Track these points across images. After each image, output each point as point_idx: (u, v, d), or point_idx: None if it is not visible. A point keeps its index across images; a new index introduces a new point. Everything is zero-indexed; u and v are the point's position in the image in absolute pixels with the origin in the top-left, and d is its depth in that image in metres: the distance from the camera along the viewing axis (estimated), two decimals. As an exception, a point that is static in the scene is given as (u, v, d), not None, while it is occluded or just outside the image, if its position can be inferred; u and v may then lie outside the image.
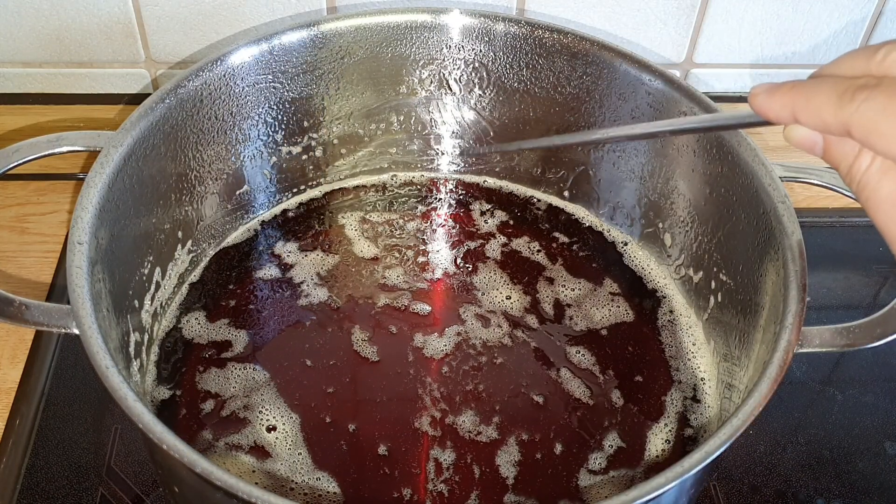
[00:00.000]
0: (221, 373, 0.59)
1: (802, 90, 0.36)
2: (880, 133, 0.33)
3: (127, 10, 0.77)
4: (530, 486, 0.55)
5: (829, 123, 0.35)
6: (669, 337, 0.63)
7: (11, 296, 0.48)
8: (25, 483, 0.56)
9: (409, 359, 0.61)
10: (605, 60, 0.65)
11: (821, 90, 0.35)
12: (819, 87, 0.35)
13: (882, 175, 0.35)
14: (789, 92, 0.36)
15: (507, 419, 0.58)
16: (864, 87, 0.33)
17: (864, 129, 0.33)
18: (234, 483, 0.39)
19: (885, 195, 0.35)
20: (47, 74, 0.81)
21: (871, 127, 0.33)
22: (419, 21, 0.67)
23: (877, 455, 0.62)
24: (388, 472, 0.55)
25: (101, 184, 0.52)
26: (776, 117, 0.37)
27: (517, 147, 0.71)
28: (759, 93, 0.37)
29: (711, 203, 0.62)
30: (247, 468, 0.54)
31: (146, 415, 0.42)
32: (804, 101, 0.36)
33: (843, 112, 0.34)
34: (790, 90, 0.36)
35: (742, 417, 0.44)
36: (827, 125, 0.35)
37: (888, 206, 0.35)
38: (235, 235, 0.69)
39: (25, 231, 0.72)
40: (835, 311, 0.71)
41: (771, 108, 0.37)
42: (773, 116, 0.37)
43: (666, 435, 0.58)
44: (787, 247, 0.52)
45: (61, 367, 0.63)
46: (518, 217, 0.72)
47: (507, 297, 0.65)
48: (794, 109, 0.36)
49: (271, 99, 0.66)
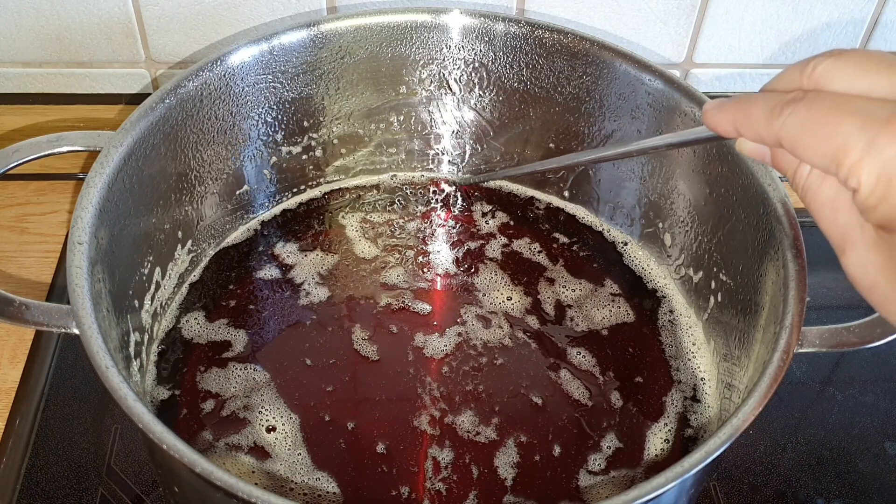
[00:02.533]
0: (221, 373, 0.59)
1: (742, 106, 0.38)
2: (804, 145, 0.34)
3: (127, 10, 0.77)
4: (530, 487, 0.55)
5: (764, 137, 0.36)
6: (669, 337, 0.63)
7: (11, 296, 0.48)
8: (25, 483, 0.56)
9: (409, 358, 0.61)
10: (605, 60, 0.65)
11: (756, 105, 0.37)
12: (755, 103, 0.37)
13: (822, 180, 0.37)
14: (732, 108, 0.38)
15: (508, 419, 0.58)
16: (791, 101, 0.35)
17: (790, 141, 0.35)
18: (234, 483, 0.39)
19: (824, 199, 0.37)
20: (47, 74, 0.81)
21: (795, 140, 0.35)
22: (419, 21, 0.67)
23: (877, 455, 0.62)
24: (388, 471, 0.55)
25: (101, 184, 0.52)
26: (724, 132, 0.39)
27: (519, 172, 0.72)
28: (709, 109, 0.40)
29: (711, 203, 0.62)
30: (247, 468, 0.54)
31: (146, 415, 0.42)
32: (743, 116, 0.38)
33: (773, 126, 0.36)
34: (733, 106, 0.38)
35: (742, 417, 0.44)
36: (763, 138, 0.37)
37: (828, 209, 0.37)
38: (235, 235, 0.69)
39: (25, 231, 0.72)
40: (835, 311, 0.71)
41: (719, 123, 0.39)
42: (721, 131, 0.39)
43: (666, 435, 0.58)
44: (787, 247, 0.52)
45: (61, 367, 0.63)
46: (518, 217, 0.72)
47: (507, 297, 0.65)
48: (736, 124, 0.38)
49: (271, 99, 0.66)
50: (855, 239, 0.36)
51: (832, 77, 0.36)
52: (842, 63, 0.35)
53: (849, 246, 0.36)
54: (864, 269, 0.36)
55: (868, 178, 0.32)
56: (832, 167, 0.33)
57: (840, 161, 0.33)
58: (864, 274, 0.36)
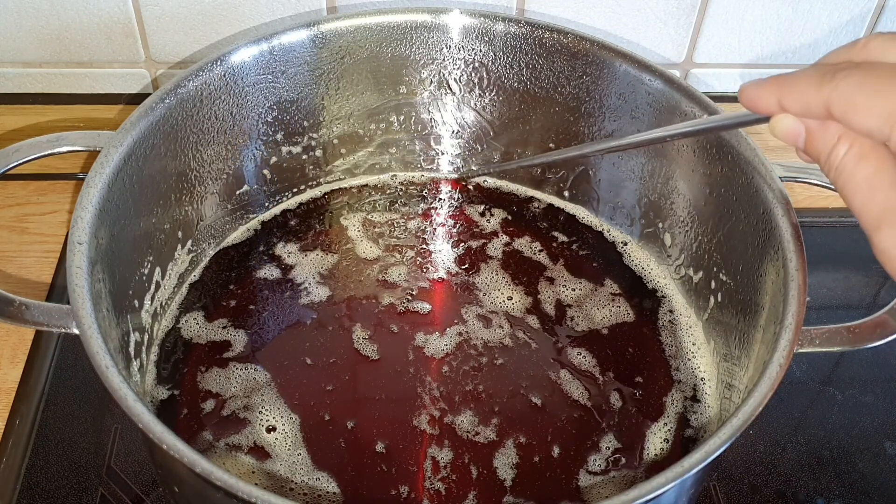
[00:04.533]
0: (221, 373, 0.59)
1: (787, 79, 0.39)
2: (857, 108, 0.35)
3: (127, 10, 0.77)
4: (530, 487, 0.55)
5: (811, 104, 0.37)
6: (669, 337, 0.63)
7: (11, 296, 0.48)
8: (25, 483, 0.56)
9: (409, 358, 0.61)
10: (605, 60, 0.65)
11: (804, 76, 0.38)
12: (802, 74, 0.38)
13: (858, 160, 0.37)
14: (775, 82, 0.39)
15: (508, 419, 0.58)
16: (844, 68, 0.36)
17: (842, 105, 0.35)
18: (234, 483, 0.39)
19: (861, 179, 0.37)
20: (47, 74, 0.81)
21: (848, 102, 0.35)
22: (419, 21, 0.67)
23: (877, 455, 0.62)
24: (388, 471, 0.55)
25: (101, 184, 0.52)
26: (765, 106, 0.40)
27: (516, 165, 0.72)
28: (747, 87, 0.40)
29: (711, 203, 0.62)
30: (247, 468, 0.54)
31: (146, 415, 0.42)
32: (788, 87, 0.38)
33: (824, 91, 0.36)
34: (776, 80, 0.39)
35: (742, 417, 0.44)
36: (809, 107, 0.37)
37: (865, 189, 0.37)
38: (235, 235, 0.69)
39: (25, 231, 0.72)
40: (835, 311, 0.71)
41: (760, 97, 0.40)
42: (761, 105, 0.40)
43: (665, 435, 0.58)
44: (787, 247, 0.52)
45: (61, 367, 0.63)
46: (518, 217, 0.72)
47: (508, 297, 0.65)
48: (780, 96, 0.39)
49: (271, 99, 0.66)
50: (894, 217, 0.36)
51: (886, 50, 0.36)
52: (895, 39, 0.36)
53: (886, 223, 0.36)
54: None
55: None
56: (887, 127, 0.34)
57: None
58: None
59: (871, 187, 0.37)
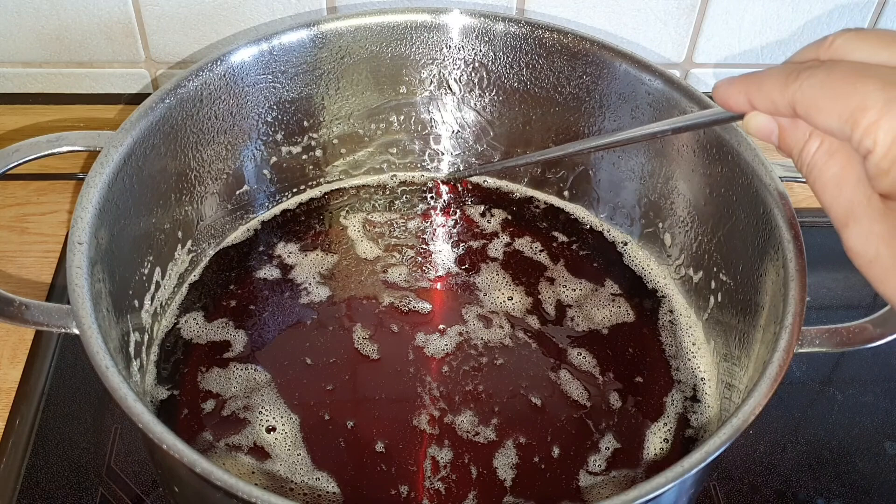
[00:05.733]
0: (221, 373, 0.59)
1: (756, 78, 0.39)
2: (818, 108, 0.35)
3: (127, 10, 0.77)
4: (530, 487, 0.55)
5: (778, 103, 0.37)
6: (669, 337, 0.63)
7: (11, 296, 0.48)
8: (25, 483, 0.56)
9: (409, 357, 0.61)
10: (605, 60, 0.65)
11: (771, 75, 0.38)
12: (770, 73, 0.38)
13: (828, 158, 0.37)
14: (744, 81, 0.40)
15: (508, 419, 0.58)
16: (808, 67, 0.36)
17: (805, 105, 0.36)
18: (234, 483, 0.39)
19: (830, 176, 0.37)
20: (47, 74, 0.81)
21: (810, 103, 0.36)
22: (419, 21, 0.67)
23: (877, 455, 0.62)
24: (387, 470, 0.55)
25: (101, 184, 0.52)
26: (735, 104, 0.40)
27: (514, 163, 0.72)
28: (719, 85, 0.41)
29: (711, 203, 0.62)
30: (247, 468, 0.54)
31: (146, 415, 0.42)
32: (756, 86, 0.39)
33: (788, 90, 0.36)
34: (745, 79, 0.40)
35: (742, 417, 0.44)
36: (776, 105, 0.38)
37: (833, 187, 0.37)
38: (235, 235, 0.69)
39: (25, 231, 0.72)
40: (835, 311, 0.71)
41: (731, 95, 0.40)
42: (732, 104, 0.40)
43: (665, 435, 0.58)
44: (787, 247, 0.52)
45: (61, 367, 0.63)
46: (518, 217, 0.72)
47: (508, 297, 0.65)
48: (748, 95, 0.39)
49: (271, 99, 0.66)
50: (859, 213, 0.36)
51: (851, 49, 0.37)
52: (861, 36, 0.37)
53: (853, 220, 0.36)
54: (867, 241, 0.36)
55: (885, 137, 0.33)
56: (847, 128, 0.34)
57: (857, 120, 0.33)
58: (866, 246, 0.36)
59: (838, 184, 0.37)
